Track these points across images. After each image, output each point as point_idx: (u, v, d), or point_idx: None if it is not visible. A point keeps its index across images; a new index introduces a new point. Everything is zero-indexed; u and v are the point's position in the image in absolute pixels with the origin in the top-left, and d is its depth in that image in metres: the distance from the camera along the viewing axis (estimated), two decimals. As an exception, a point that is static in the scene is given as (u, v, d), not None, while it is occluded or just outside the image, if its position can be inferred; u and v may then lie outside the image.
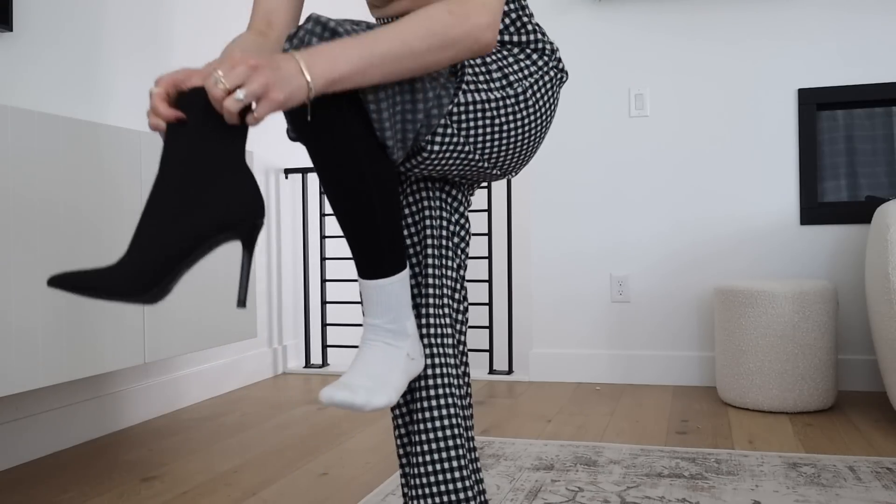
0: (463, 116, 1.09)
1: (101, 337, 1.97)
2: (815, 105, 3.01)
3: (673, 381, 3.14)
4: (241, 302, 0.95)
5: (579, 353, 3.24)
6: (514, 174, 1.22)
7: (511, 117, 1.12)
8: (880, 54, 2.96)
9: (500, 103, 1.11)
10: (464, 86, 1.08)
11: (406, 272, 1.10)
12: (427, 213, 1.16)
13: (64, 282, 0.86)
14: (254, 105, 0.87)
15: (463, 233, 1.21)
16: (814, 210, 3.00)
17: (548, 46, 1.18)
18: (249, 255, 0.95)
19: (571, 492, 1.82)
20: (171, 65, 2.78)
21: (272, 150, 3.44)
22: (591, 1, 3.24)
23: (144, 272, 0.84)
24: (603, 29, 3.23)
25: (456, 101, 1.07)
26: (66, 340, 1.87)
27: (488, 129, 1.11)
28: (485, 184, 1.33)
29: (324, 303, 3.59)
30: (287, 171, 3.52)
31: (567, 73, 1.22)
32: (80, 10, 2.37)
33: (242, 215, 0.91)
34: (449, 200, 1.20)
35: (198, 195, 0.89)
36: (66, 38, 2.32)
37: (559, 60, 1.20)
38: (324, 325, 3.59)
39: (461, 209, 1.21)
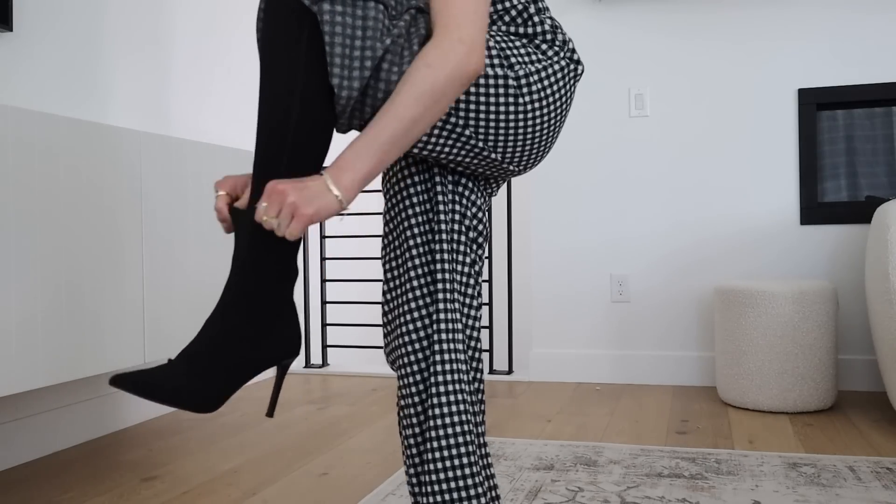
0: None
1: (101, 337, 1.97)
2: (815, 105, 3.01)
3: (673, 381, 3.14)
4: (270, 413, 1.13)
5: (579, 353, 3.24)
6: (526, 169, 1.19)
7: (511, 100, 1.10)
8: (880, 54, 2.96)
9: (499, 82, 1.09)
10: None
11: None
12: (441, 206, 1.14)
13: (127, 383, 0.99)
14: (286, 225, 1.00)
15: (480, 227, 1.19)
16: (814, 210, 3.00)
17: (559, 37, 1.16)
18: (282, 378, 1.12)
19: (571, 492, 1.82)
20: (171, 64, 2.78)
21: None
22: (591, 1, 3.24)
23: (219, 398, 1.04)
24: (603, 29, 3.23)
25: None
26: (66, 340, 1.87)
27: (491, 111, 1.09)
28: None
29: (324, 303, 3.59)
30: (287, 171, 3.51)
31: (583, 66, 1.20)
32: (80, 9, 2.37)
33: (290, 353, 1.09)
34: (466, 194, 1.18)
35: (259, 337, 1.06)
36: (66, 37, 2.32)
37: (573, 52, 1.17)
38: (324, 325, 3.59)
39: (478, 202, 1.19)
